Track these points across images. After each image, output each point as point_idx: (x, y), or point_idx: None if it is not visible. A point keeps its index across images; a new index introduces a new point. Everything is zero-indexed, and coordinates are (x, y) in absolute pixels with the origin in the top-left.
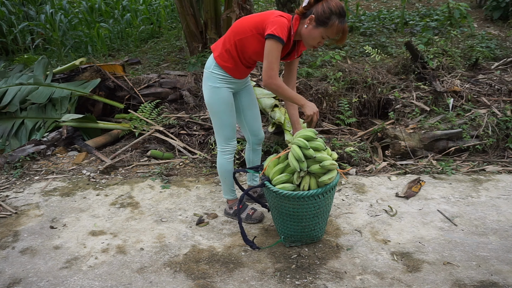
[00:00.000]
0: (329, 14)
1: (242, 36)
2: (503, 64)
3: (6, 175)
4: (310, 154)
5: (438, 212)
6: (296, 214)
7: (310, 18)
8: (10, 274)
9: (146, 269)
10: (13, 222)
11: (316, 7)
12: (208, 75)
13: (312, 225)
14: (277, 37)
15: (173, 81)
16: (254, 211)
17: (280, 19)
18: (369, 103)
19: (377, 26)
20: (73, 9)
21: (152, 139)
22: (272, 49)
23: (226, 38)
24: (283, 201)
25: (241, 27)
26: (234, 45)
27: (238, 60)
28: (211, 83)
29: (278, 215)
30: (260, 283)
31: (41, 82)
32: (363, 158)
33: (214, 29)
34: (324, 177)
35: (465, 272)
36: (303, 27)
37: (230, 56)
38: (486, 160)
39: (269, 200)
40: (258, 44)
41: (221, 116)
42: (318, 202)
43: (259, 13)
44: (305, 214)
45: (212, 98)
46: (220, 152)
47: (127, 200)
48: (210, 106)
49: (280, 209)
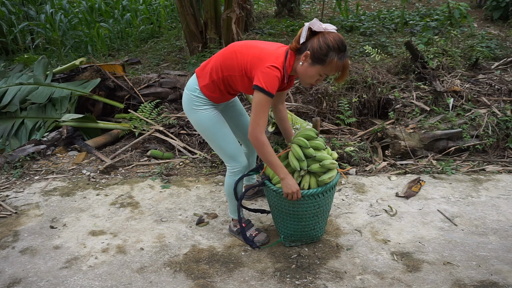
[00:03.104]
0: (326, 50)
1: (231, 73)
2: (503, 64)
3: (6, 175)
4: (310, 153)
5: (438, 212)
6: (296, 213)
7: (305, 55)
8: (10, 274)
9: (146, 269)
10: (13, 222)
11: (312, 42)
12: (192, 98)
13: (312, 225)
14: (266, 92)
15: (173, 81)
16: (258, 233)
17: (272, 72)
18: (369, 103)
19: (377, 26)
20: (73, 9)
21: (152, 139)
22: (261, 103)
23: (214, 68)
24: (283, 200)
25: (231, 63)
26: (221, 78)
27: (225, 91)
28: (195, 106)
29: (278, 214)
30: (260, 283)
31: (41, 82)
32: (363, 158)
33: (214, 29)
34: (324, 176)
35: (465, 272)
36: (298, 64)
37: (216, 87)
38: (486, 160)
39: (269, 199)
40: (247, 83)
41: (218, 136)
42: (318, 201)
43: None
44: (305, 213)
45: (201, 122)
46: (230, 172)
47: (127, 200)
48: (202, 130)
49: (280, 208)
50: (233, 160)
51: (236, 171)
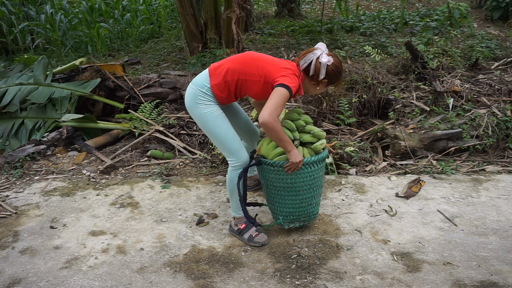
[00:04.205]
0: (339, 74)
1: (248, 78)
2: (503, 64)
3: (6, 175)
4: (301, 124)
5: (438, 212)
6: (293, 186)
7: (322, 82)
8: (10, 274)
9: (146, 269)
10: (13, 222)
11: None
12: (198, 93)
13: (309, 199)
14: (289, 88)
15: (173, 81)
16: (258, 234)
17: (295, 78)
18: (369, 103)
19: (377, 26)
20: (73, 9)
21: (152, 139)
22: (282, 95)
23: (229, 70)
24: (280, 174)
25: (250, 69)
26: (235, 81)
27: (233, 94)
28: (200, 102)
29: (276, 192)
30: (260, 283)
31: (41, 82)
32: (363, 158)
33: (214, 29)
34: (317, 144)
35: (465, 272)
36: (312, 87)
37: (227, 88)
38: (486, 160)
39: (267, 178)
40: (261, 88)
41: (220, 132)
42: (313, 172)
43: (271, 57)
44: (301, 185)
45: (203, 117)
46: (232, 167)
47: (127, 200)
48: (203, 125)
49: (277, 183)
50: (234, 155)
51: (237, 165)
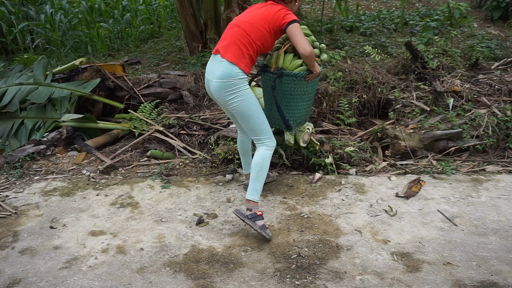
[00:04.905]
0: None
1: (263, 40)
2: (503, 64)
3: (6, 175)
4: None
5: (438, 212)
6: (307, 92)
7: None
8: (10, 274)
9: (146, 269)
10: (13, 222)
11: None
12: (232, 84)
13: (310, 105)
14: (297, 20)
15: (173, 81)
16: (268, 227)
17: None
18: (369, 103)
19: (377, 26)
20: (73, 9)
21: (152, 139)
22: (299, 27)
23: (245, 46)
24: (300, 82)
25: (257, 31)
26: (256, 50)
27: (255, 60)
28: (240, 88)
29: (292, 100)
30: (260, 283)
31: (41, 82)
32: (363, 158)
33: (214, 29)
34: (323, 55)
35: (465, 272)
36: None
37: (252, 61)
38: (486, 160)
39: (285, 89)
40: (273, 39)
41: (260, 114)
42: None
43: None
44: (312, 90)
45: (247, 101)
46: (267, 147)
47: (127, 200)
48: (246, 110)
49: (295, 91)
50: (271, 136)
51: (272, 146)
